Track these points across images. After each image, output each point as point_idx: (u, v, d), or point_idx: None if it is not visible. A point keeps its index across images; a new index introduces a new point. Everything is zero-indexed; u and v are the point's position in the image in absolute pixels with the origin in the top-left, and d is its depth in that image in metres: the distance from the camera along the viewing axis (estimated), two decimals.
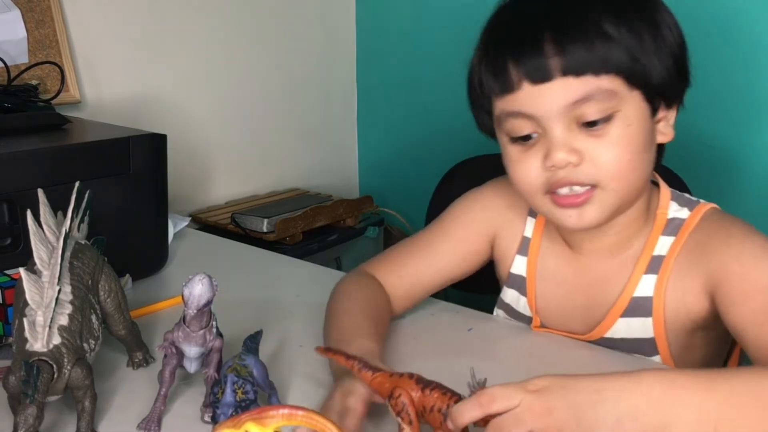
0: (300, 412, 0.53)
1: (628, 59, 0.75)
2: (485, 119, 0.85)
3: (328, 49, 2.07)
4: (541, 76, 0.76)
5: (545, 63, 0.75)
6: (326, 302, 1.03)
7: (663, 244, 0.85)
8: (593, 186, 0.78)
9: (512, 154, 0.81)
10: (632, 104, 0.77)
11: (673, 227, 0.85)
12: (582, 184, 0.78)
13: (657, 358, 0.86)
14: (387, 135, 2.15)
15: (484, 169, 1.04)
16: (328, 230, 1.81)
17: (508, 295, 0.97)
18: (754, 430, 0.60)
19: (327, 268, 1.20)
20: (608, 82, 0.75)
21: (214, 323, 0.72)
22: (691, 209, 0.86)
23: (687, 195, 0.89)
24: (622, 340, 0.87)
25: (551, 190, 0.80)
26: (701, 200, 0.88)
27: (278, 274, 1.17)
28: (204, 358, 0.73)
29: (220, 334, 0.73)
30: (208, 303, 0.69)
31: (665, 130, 0.82)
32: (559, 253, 0.92)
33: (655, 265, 0.85)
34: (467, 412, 0.59)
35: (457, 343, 0.91)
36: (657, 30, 0.78)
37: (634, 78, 0.76)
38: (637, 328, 0.86)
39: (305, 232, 1.74)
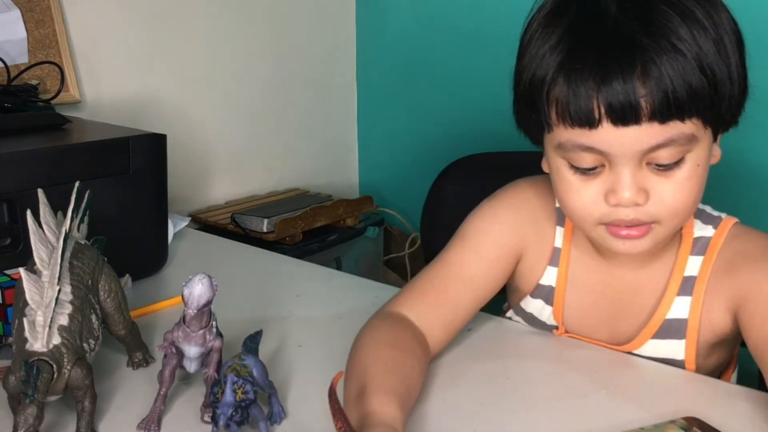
0: None
1: (709, 101, 0.71)
2: (533, 130, 0.80)
3: (328, 49, 2.07)
4: (626, 120, 0.70)
5: (634, 106, 0.69)
6: (326, 302, 1.03)
7: (693, 265, 0.84)
8: (654, 222, 0.76)
9: (571, 180, 0.76)
10: (703, 143, 0.74)
11: (700, 246, 0.84)
12: (644, 223, 0.75)
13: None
14: (387, 135, 2.16)
15: (479, 167, 1.04)
16: (328, 230, 1.81)
17: (532, 305, 0.93)
18: None
19: (327, 268, 1.20)
20: (689, 127, 0.71)
21: (214, 323, 0.72)
22: (715, 226, 0.85)
23: (708, 209, 0.87)
24: (652, 358, 0.86)
25: (608, 224, 0.77)
26: (722, 215, 0.86)
27: (278, 274, 1.17)
28: (204, 358, 0.73)
29: (220, 334, 0.73)
30: (208, 303, 0.69)
31: (715, 152, 0.78)
32: (589, 262, 0.89)
33: (687, 286, 0.83)
34: None
35: (456, 344, 0.91)
36: (728, 54, 0.72)
37: (711, 119, 0.73)
38: (668, 350, 0.85)
39: (305, 232, 1.74)
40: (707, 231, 0.84)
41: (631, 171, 0.73)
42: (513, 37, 0.98)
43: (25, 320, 0.67)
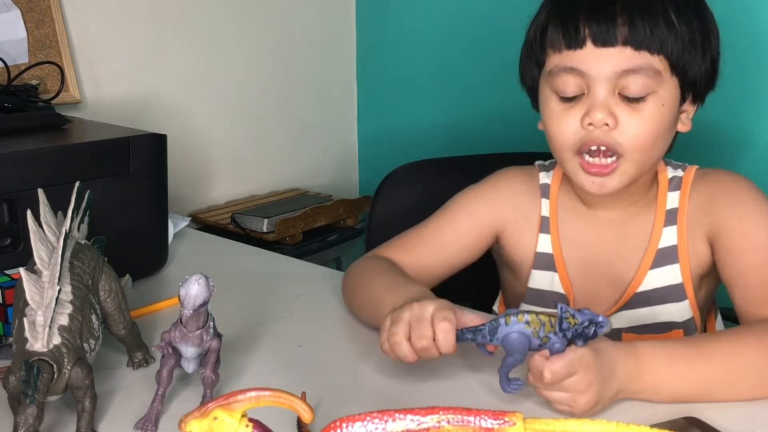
0: (267, 393, 0.53)
1: (680, 48, 0.84)
2: (533, 72, 0.92)
3: (328, 49, 2.07)
4: (605, 41, 0.83)
5: (614, 30, 0.83)
6: (326, 302, 1.03)
7: (672, 199, 0.94)
8: (618, 156, 0.86)
9: (555, 110, 0.88)
10: (669, 88, 0.86)
11: (675, 183, 0.94)
12: (610, 148, 0.85)
13: (686, 303, 0.93)
14: (387, 135, 2.16)
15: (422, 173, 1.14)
16: (328, 230, 1.81)
17: (538, 279, 0.98)
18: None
19: (327, 268, 1.20)
20: (657, 62, 0.84)
21: (211, 324, 0.72)
22: (683, 169, 0.96)
23: (673, 161, 0.98)
24: (654, 290, 0.93)
25: (582, 151, 0.86)
26: (685, 163, 0.97)
27: (278, 274, 1.17)
28: (201, 359, 0.73)
29: (218, 335, 0.73)
30: (205, 303, 0.69)
31: (686, 121, 0.91)
32: (578, 221, 0.97)
33: (671, 217, 0.93)
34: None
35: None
36: (706, 34, 0.87)
37: (678, 66, 0.85)
38: (668, 276, 0.93)
39: (305, 232, 1.74)
40: (678, 172, 0.95)
41: (604, 95, 0.84)
42: (513, 37, 0.99)
43: (25, 320, 0.67)
